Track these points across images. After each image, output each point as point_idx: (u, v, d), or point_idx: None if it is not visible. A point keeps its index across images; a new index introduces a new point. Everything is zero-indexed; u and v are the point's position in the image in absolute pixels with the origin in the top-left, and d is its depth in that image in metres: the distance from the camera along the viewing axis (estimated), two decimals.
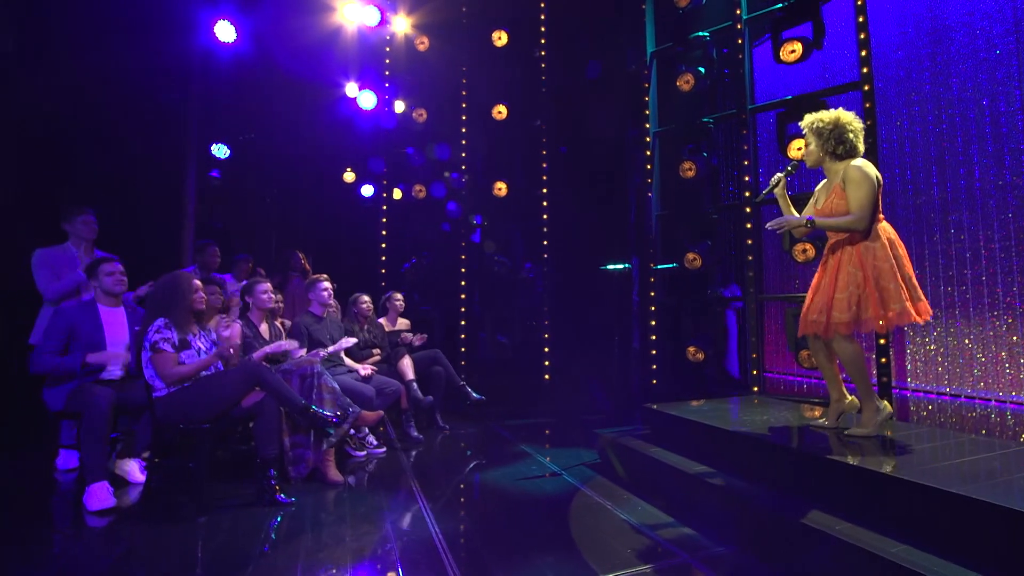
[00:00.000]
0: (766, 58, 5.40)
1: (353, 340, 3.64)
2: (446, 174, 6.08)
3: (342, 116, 6.65)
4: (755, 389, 4.71)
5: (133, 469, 2.99)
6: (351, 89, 6.67)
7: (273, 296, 3.37)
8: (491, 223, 6.12)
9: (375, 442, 3.70)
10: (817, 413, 3.04)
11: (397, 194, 6.28)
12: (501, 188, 5.87)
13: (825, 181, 2.65)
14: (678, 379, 5.33)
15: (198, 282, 2.82)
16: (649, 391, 5.19)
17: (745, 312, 5.02)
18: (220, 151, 5.53)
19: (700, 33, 5.18)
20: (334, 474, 2.99)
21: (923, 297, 2.39)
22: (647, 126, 5.47)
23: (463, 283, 5.97)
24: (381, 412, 3.38)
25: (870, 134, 4.32)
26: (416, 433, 3.98)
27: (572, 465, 3.33)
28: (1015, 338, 4.70)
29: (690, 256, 5.08)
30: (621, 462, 3.11)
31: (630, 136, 5.85)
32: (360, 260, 6.10)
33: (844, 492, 2.04)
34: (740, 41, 4.95)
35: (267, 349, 2.98)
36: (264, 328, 3.33)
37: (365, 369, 3.69)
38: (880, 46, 6.14)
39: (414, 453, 3.72)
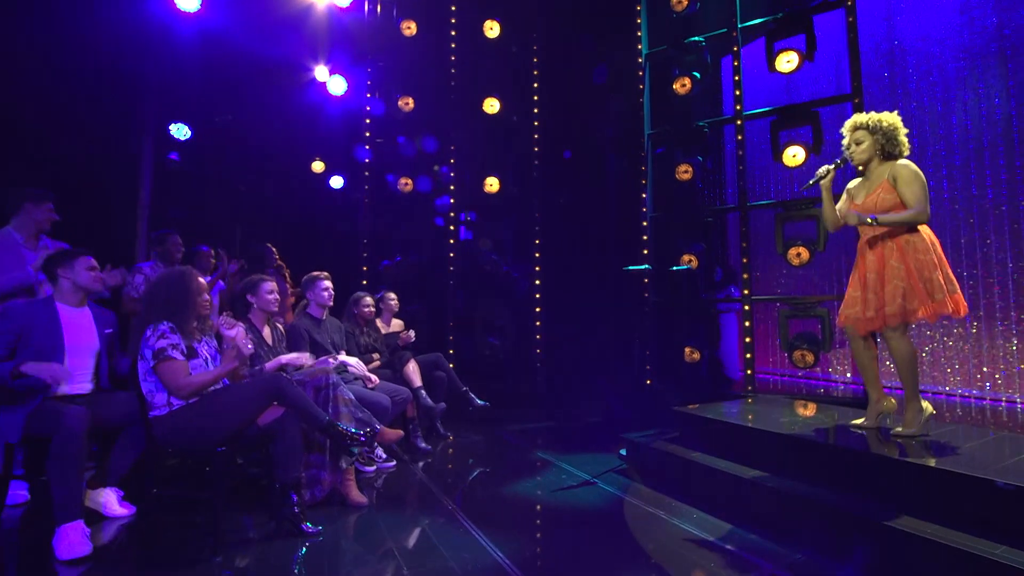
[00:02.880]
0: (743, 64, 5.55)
1: (374, 364, 3.33)
2: (435, 168, 5.77)
3: (312, 101, 6.17)
4: (749, 388, 4.82)
5: (110, 501, 2.52)
6: (320, 73, 6.21)
7: (278, 297, 2.99)
8: (482, 220, 5.89)
9: (383, 456, 3.39)
10: (834, 415, 3.11)
11: (378, 186, 5.89)
12: (492, 184, 5.66)
13: (861, 180, 2.71)
14: (674, 379, 5.37)
15: (202, 281, 2.42)
16: (645, 392, 5.19)
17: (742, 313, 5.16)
18: (180, 131, 4.90)
19: (696, 38, 5.25)
20: (356, 495, 2.68)
21: (959, 291, 2.48)
22: (642, 127, 5.47)
23: (451, 282, 5.70)
24: (401, 432, 3.09)
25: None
26: (424, 444, 3.70)
27: (601, 472, 3.21)
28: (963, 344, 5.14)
29: (686, 258, 5.13)
30: (658, 467, 3.03)
31: (624, 136, 5.83)
32: (337, 256, 5.65)
33: (918, 493, 2.06)
34: (736, 48, 5.05)
35: (284, 359, 2.62)
36: (267, 333, 2.93)
37: (374, 378, 3.37)
38: (840, 66, 6.53)
39: (426, 465, 3.45)
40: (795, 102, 5.03)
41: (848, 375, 6.22)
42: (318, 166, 6.79)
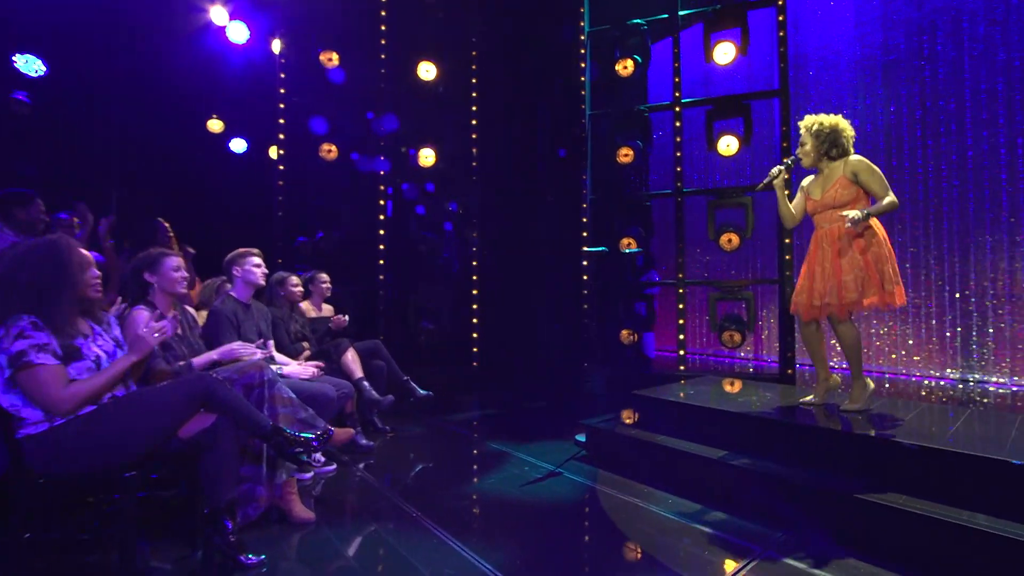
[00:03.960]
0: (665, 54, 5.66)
1: (304, 356, 2.84)
2: (363, 135, 5.20)
3: (209, 48, 5.27)
4: (681, 368, 5.02)
5: None
6: (217, 15, 5.30)
7: (186, 275, 2.43)
8: (417, 195, 5.44)
9: (322, 459, 2.97)
10: (781, 392, 3.28)
11: (295, 152, 5.18)
12: (428, 157, 5.24)
13: (815, 177, 2.82)
14: (612, 362, 5.44)
15: (86, 253, 1.85)
16: (585, 374, 5.20)
17: (659, 297, 5.33)
18: (29, 65, 3.84)
19: (637, 20, 5.23)
20: (301, 511, 2.28)
21: (901, 283, 2.68)
22: (583, 107, 5.38)
23: (381, 261, 5.22)
24: (352, 431, 2.70)
25: (785, 138, 4.85)
26: (365, 441, 3.32)
27: (564, 461, 3.09)
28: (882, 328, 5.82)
29: (626, 241, 5.18)
30: (623, 453, 2.98)
31: (566, 114, 5.70)
32: (244, 232, 4.90)
33: (882, 465, 2.18)
34: (676, 35, 5.11)
35: (215, 354, 2.11)
36: (173, 317, 2.36)
37: (308, 369, 2.92)
38: (752, 66, 6.97)
39: (371, 465, 3.09)
40: (712, 96, 5.20)
41: (767, 353, 6.77)
42: (215, 125, 5.84)
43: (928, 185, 5.42)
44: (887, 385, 5.12)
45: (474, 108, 5.52)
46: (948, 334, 5.31)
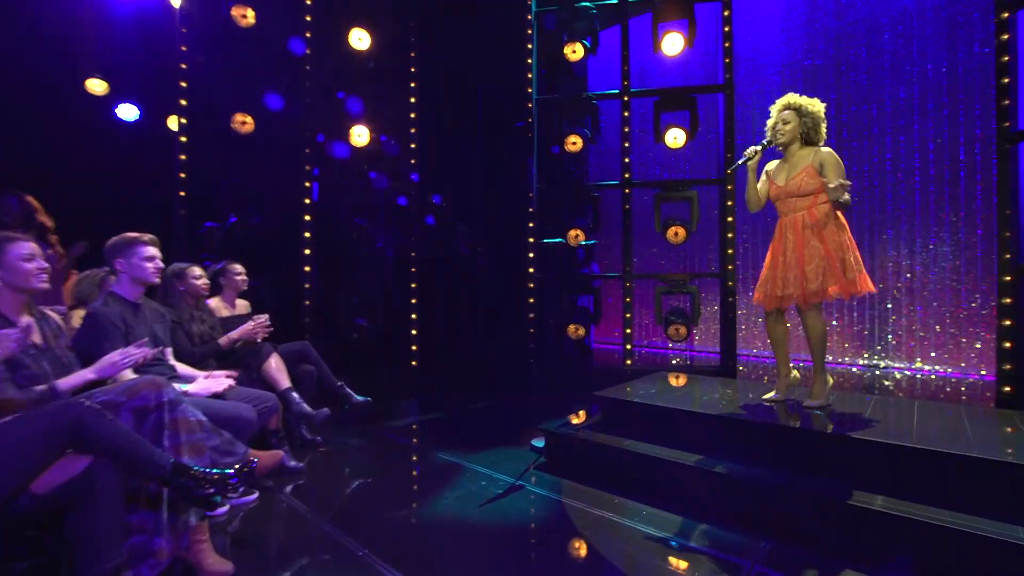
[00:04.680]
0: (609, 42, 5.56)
1: (225, 383, 2.32)
2: (285, 105, 4.56)
3: None
4: (628, 363, 4.96)
5: None
6: None
7: (44, 266, 1.86)
8: (348, 178, 4.90)
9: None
10: (740, 388, 3.25)
11: (200, 122, 4.44)
12: (361, 135, 4.72)
13: (780, 163, 2.78)
14: (555, 358, 5.27)
15: None
16: (532, 372, 4.99)
17: (602, 290, 5.24)
18: None
19: (586, 3, 5.03)
20: (216, 562, 1.83)
21: (864, 271, 2.69)
22: (529, 90, 5.11)
23: (307, 251, 4.64)
24: (280, 454, 2.25)
25: (729, 134, 4.90)
26: (292, 461, 2.85)
27: (523, 472, 2.84)
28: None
29: (573, 233, 5.00)
30: (587, 460, 2.78)
31: (512, 98, 5.39)
32: (136, 215, 4.12)
33: (864, 466, 2.13)
34: (625, 22, 4.97)
35: (90, 372, 1.60)
36: (26, 323, 1.79)
37: (221, 382, 2.41)
38: (688, 63, 7.08)
39: (301, 489, 2.64)
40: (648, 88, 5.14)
41: (700, 344, 6.92)
42: (97, 86, 4.90)
43: (868, 182, 5.78)
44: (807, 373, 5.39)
45: (412, 85, 5.06)
46: (857, 326, 5.72)
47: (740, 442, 2.46)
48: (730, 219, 4.79)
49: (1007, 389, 3.49)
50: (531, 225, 5.09)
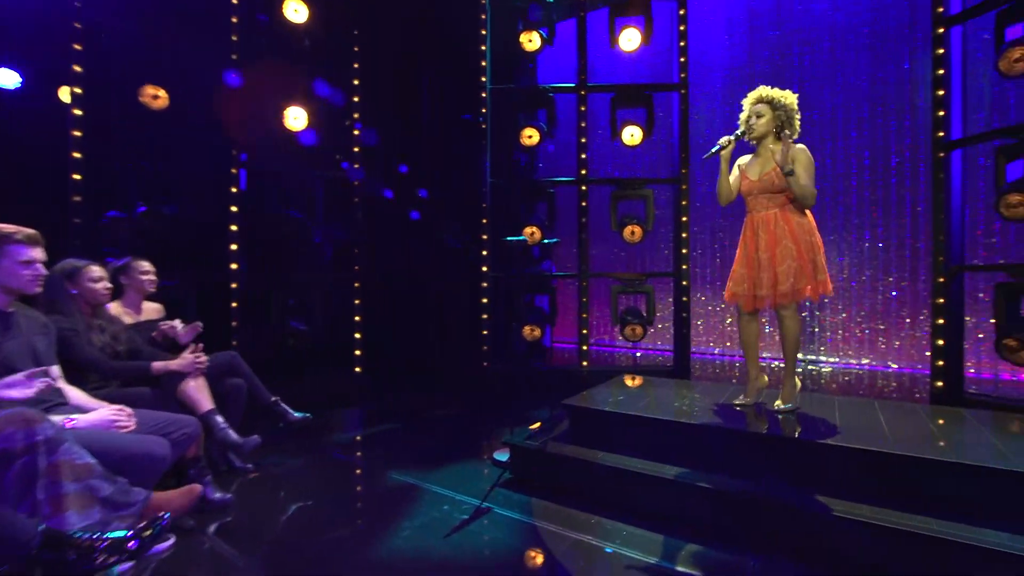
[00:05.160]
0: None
1: (109, 413, 1.86)
2: (208, 81, 3.99)
3: None
4: (584, 364, 4.84)
5: None
6: None
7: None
8: (282, 164, 4.39)
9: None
10: (711, 391, 3.19)
11: (102, 96, 3.78)
12: (297, 118, 4.24)
13: (753, 157, 2.73)
14: (510, 360, 5.06)
15: None
16: (486, 375, 4.74)
17: (559, 289, 5.10)
18: None
19: None
20: None
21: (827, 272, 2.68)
22: (483, 79, 4.84)
23: (234, 246, 4.11)
24: (196, 488, 1.86)
25: (684, 132, 4.90)
26: (218, 493, 2.43)
27: (488, 491, 2.59)
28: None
29: (529, 230, 4.80)
30: (558, 475, 2.59)
31: (463, 87, 5.09)
32: (16, 204, 3.43)
33: (849, 475, 2.08)
34: (583, 14, 4.83)
35: None
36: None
37: (120, 417, 1.93)
38: (637, 61, 7.10)
39: (228, 527, 2.24)
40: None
41: (651, 342, 6.95)
42: None
43: None
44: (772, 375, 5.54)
45: (356, 65, 4.64)
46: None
47: (721, 452, 2.36)
48: (684, 219, 4.79)
49: (939, 384, 3.69)
50: (484, 221, 4.84)
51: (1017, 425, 2.47)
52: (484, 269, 4.81)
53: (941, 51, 3.68)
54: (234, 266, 4.08)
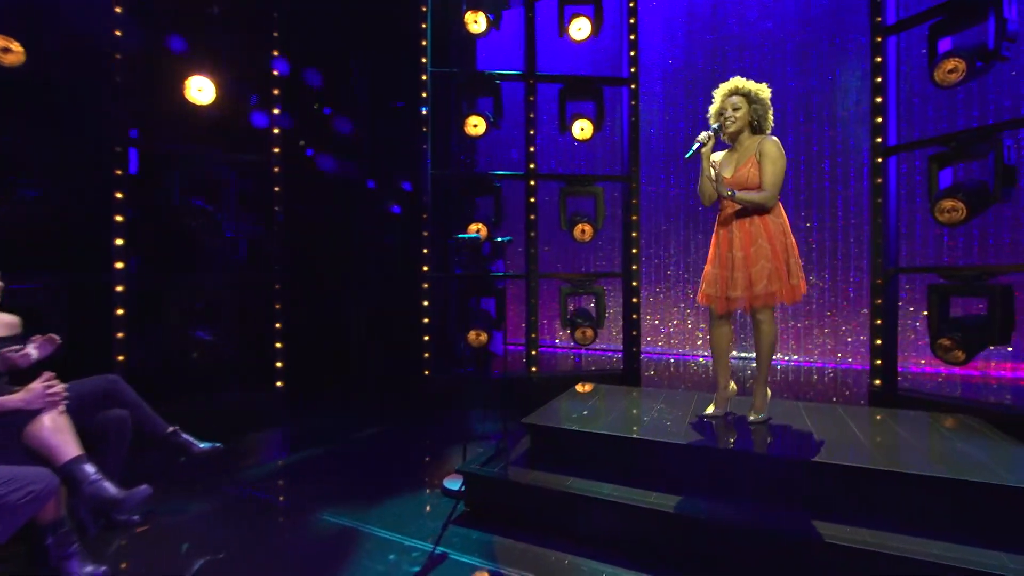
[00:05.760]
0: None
1: None
2: (84, 41, 3.23)
3: None
4: (533, 370, 4.57)
5: None
6: None
7: None
8: (181, 145, 3.69)
9: None
10: (677, 401, 3.03)
11: None
12: (202, 91, 3.58)
13: (728, 152, 2.60)
14: (454, 366, 4.68)
15: None
16: (427, 389, 4.32)
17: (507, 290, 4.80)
18: None
19: None
20: None
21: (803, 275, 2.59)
22: (424, 60, 4.41)
23: (119, 241, 3.38)
24: None
25: (634, 128, 4.76)
26: (91, 567, 1.86)
27: (440, 531, 2.23)
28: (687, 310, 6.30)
29: (474, 227, 4.44)
30: (522, 507, 2.27)
31: (400, 69, 4.63)
32: None
33: (846, 495, 1.95)
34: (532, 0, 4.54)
35: None
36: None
37: None
38: (578, 57, 6.97)
39: None
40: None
41: (614, 343, 6.82)
42: None
43: None
44: (693, 367, 5.59)
45: (276, 35, 4.03)
46: (734, 322, 6.13)
47: (699, 473, 2.16)
48: (634, 217, 4.66)
49: (877, 382, 3.81)
50: (425, 217, 4.42)
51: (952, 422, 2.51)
52: (425, 269, 4.40)
53: (879, 59, 3.78)
54: (119, 265, 3.36)
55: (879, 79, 3.79)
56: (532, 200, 4.59)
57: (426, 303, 4.41)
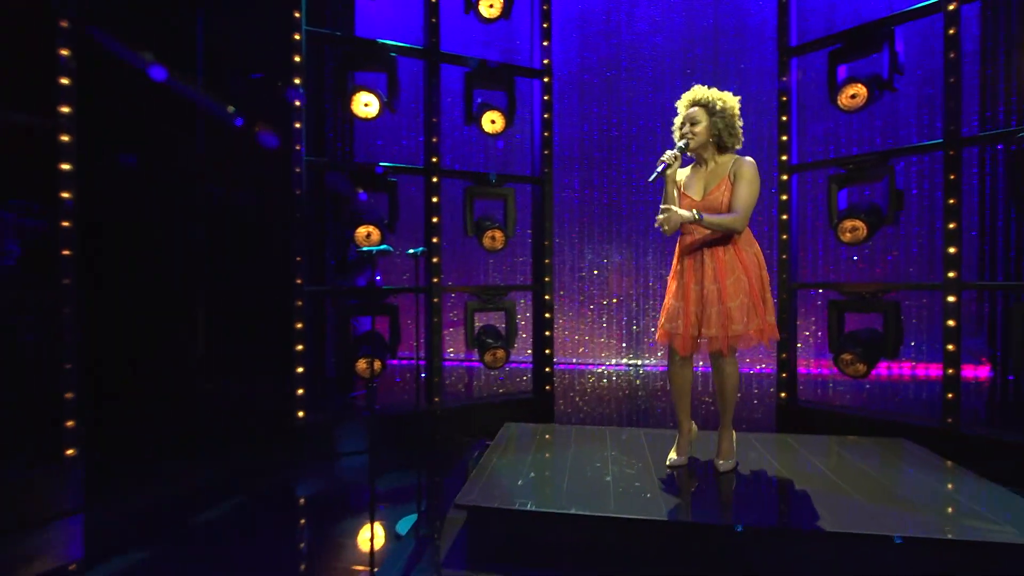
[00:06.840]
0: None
1: None
2: None
3: None
4: (436, 401, 3.88)
5: None
6: None
7: None
8: None
9: None
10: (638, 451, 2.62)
11: None
12: None
13: (694, 169, 2.29)
14: (337, 403, 3.77)
15: None
16: (302, 429, 3.38)
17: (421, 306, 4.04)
18: None
19: None
20: None
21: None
22: (297, 15, 3.46)
23: None
24: None
25: (547, 127, 4.34)
26: None
27: None
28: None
29: (363, 231, 3.60)
30: None
31: (255, 22, 3.61)
32: None
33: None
34: None
35: None
36: None
37: None
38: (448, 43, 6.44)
39: None
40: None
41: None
42: None
43: (618, 197, 6.09)
44: (590, 377, 5.40)
45: None
46: (625, 329, 6.18)
47: (686, 554, 1.73)
48: (548, 224, 4.25)
49: (783, 395, 3.88)
50: (298, 216, 3.48)
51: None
52: (298, 282, 3.45)
53: (785, 79, 3.85)
54: None
55: (784, 98, 3.86)
56: (435, 200, 3.91)
57: (299, 325, 3.46)
